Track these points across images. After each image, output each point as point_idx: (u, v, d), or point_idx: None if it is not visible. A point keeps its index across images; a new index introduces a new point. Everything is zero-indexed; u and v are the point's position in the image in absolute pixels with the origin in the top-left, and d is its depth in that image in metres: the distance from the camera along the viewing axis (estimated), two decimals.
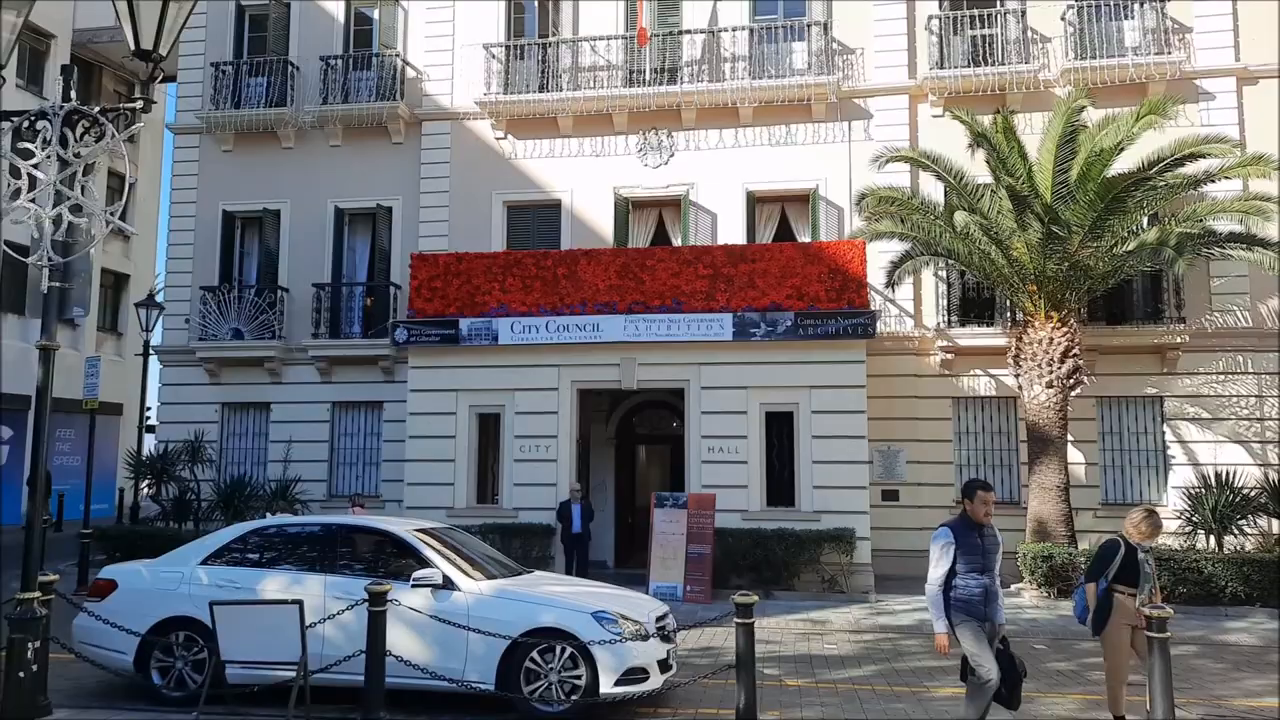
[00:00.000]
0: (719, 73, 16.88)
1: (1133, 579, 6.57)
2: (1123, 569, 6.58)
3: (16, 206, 5.37)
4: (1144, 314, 15.35)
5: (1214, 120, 15.39)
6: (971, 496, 6.08)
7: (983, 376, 15.88)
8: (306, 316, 17.66)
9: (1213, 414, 15.19)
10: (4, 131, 5.60)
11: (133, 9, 5.56)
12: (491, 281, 15.06)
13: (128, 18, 5.57)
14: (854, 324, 14.04)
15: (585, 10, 17.69)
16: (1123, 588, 6.57)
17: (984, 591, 5.89)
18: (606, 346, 14.60)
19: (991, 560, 6.00)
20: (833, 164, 16.56)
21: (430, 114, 17.99)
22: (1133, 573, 6.57)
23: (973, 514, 6.04)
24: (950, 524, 6.08)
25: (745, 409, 14.31)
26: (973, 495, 6.08)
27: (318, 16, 18.67)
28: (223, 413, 18.04)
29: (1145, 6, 15.88)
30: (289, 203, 18.26)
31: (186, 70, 19.05)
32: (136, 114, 5.65)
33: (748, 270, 14.48)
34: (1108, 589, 6.59)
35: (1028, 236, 13.39)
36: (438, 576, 7.23)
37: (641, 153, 17.25)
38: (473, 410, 15.14)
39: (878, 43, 16.73)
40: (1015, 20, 16.28)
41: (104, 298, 26.52)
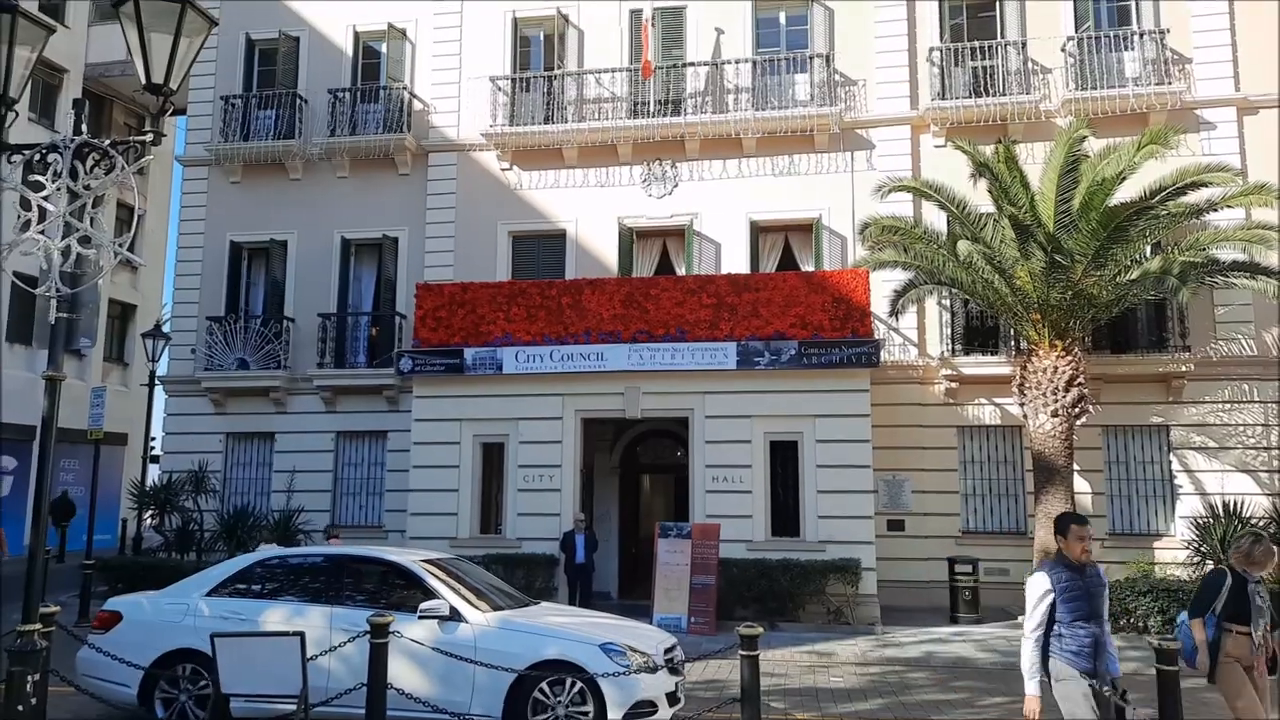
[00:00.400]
0: (722, 104, 17.04)
1: (1244, 614, 5.93)
2: (1231, 602, 5.96)
3: (26, 238, 5.42)
4: (1149, 342, 15.32)
5: (1215, 149, 15.47)
6: (1065, 533, 5.39)
7: (987, 405, 15.84)
8: (312, 346, 17.72)
9: (1219, 443, 15.11)
10: (15, 164, 5.67)
11: (144, 43, 5.64)
12: (496, 311, 15.11)
13: (139, 52, 5.64)
14: (858, 353, 14.04)
15: (590, 44, 17.92)
16: (1234, 625, 5.93)
17: (1093, 642, 5.18)
18: (611, 375, 14.60)
19: (1099, 604, 5.30)
20: (836, 194, 16.66)
21: (437, 145, 18.17)
22: (1243, 607, 5.93)
23: (1069, 553, 5.34)
24: (1046, 567, 5.40)
25: (749, 438, 14.27)
26: (1066, 531, 5.39)
27: (326, 50, 18.93)
28: (227, 443, 18.05)
29: (1145, 38, 16.03)
30: (296, 233, 18.40)
31: (196, 103, 19.31)
32: (146, 147, 5.71)
33: (751, 299, 14.52)
34: (1217, 625, 5.96)
35: (1031, 265, 13.41)
36: (445, 608, 7.19)
37: (646, 183, 17.37)
38: (476, 440, 15.13)
39: (879, 74, 16.89)
40: (1016, 52, 16.44)
41: (111, 328, 26.65)
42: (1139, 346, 15.32)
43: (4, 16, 5.61)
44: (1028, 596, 5.31)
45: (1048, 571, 5.32)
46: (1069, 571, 5.28)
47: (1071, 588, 5.23)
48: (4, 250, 5.54)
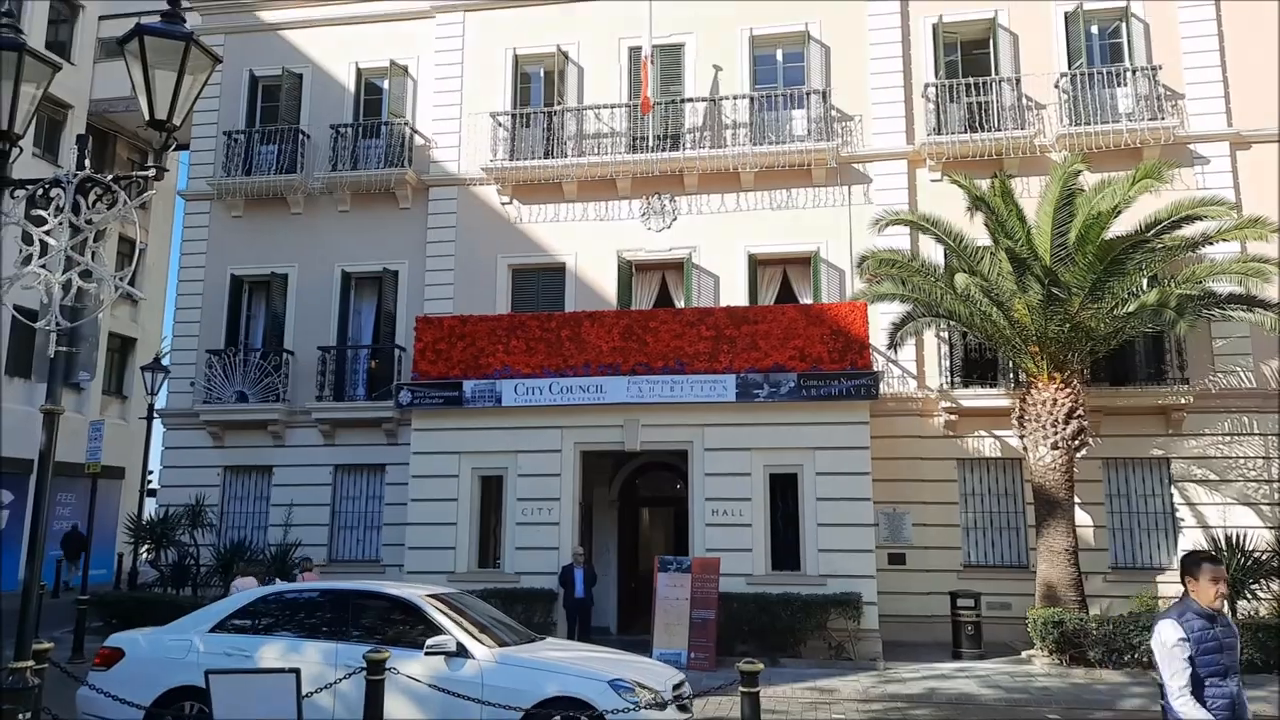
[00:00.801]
0: (720, 139, 17.21)
1: None
2: None
3: (27, 272, 5.45)
4: (1147, 375, 15.34)
5: (1209, 183, 15.60)
6: (1195, 573, 4.69)
7: (987, 438, 15.81)
8: (311, 379, 17.72)
9: (1220, 475, 15.07)
10: (18, 199, 5.71)
11: (149, 80, 5.71)
12: (495, 343, 15.13)
13: (143, 89, 5.71)
14: (857, 385, 14.04)
15: (589, 80, 18.13)
16: None
17: (1230, 702, 4.53)
18: (610, 408, 14.59)
19: (1234, 658, 4.65)
20: (833, 227, 16.76)
21: (437, 180, 18.31)
22: None
23: (1200, 597, 4.65)
24: (1174, 614, 4.67)
25: (749, 471, 14.22)
26: (1196, 571, 4.68)
27: (329, 86, 19.15)
28: (225, 476, 17.98)
29: (1138, 74, 16.23)
30: (296, 267, 18.49)
31: (199, 138, 19.49)
32: (149, 182, 5.76)
33: (750, 332, 14.55)
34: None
35: (1028, 298, 13.46)
36: (451, 644, 7.12)
37: (645, 217, 17.49)
38: (475, 473, 15.07)
39: (876, 110, 17.08)
40: (1010, 88, 16.64)
41: (110, 361, 26.66)
42: (1138, 379, 15.33)
43: (10, 55, 5.69)
44: (1156, 649, 4.65)
45: (1176, 619, 4.61)
46: (1201, 619, 4.59)
47: (1205, 639, 4.55)
48: (5, 284, 5.56)
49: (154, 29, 5.62)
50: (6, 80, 5.79)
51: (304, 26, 19.46)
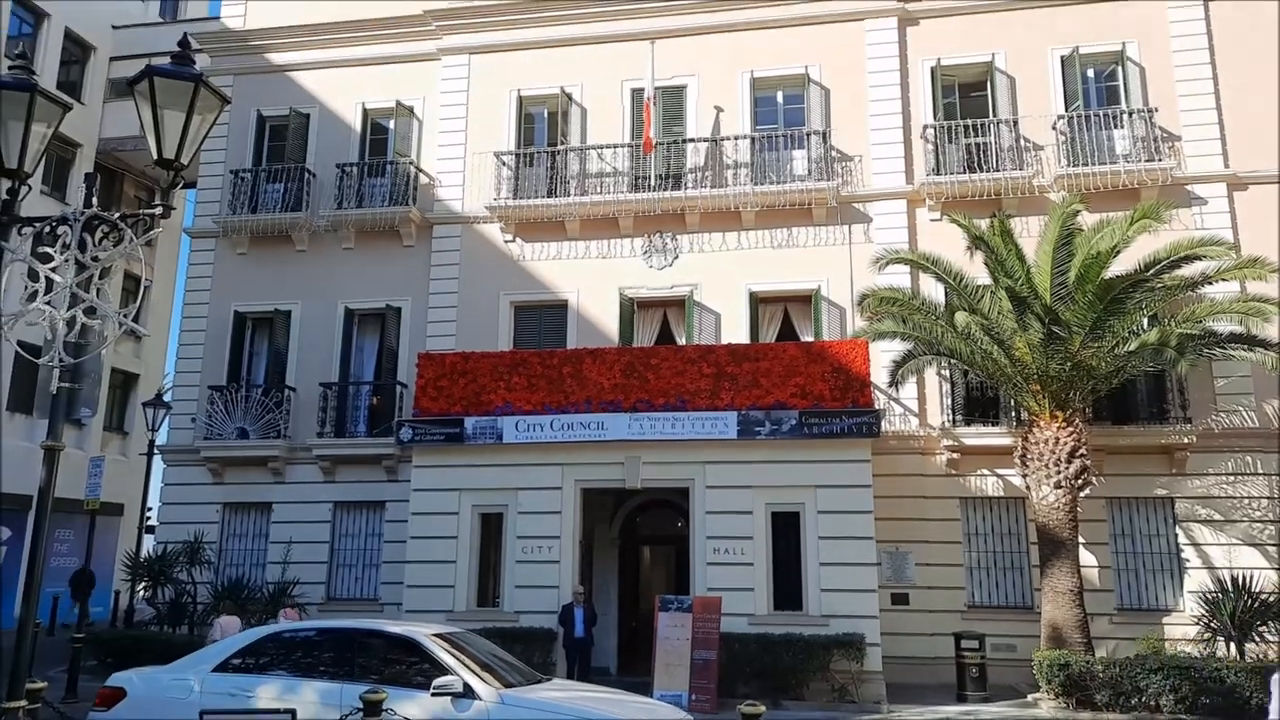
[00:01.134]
0: (722, 178, 17.38)
1: None
2: None
3: (32, 308, 5.48)
4: (1149, 414, 15.30)
5: (1208, 224, 15.68)
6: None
7: (990, 476, 15.74)
8: (312, 416, 17.72)
9: (1225, 516, 14.96)
10: (25, 236, 5.77)
11: (158, 120, 5.79)
12: (497, 380, 15.15)
13: (152, 129, 5.80)
14: (858, 423, 14.01)
15: (593, 120, 18.36)
16: None
17: None
18: (611, 445, 14.56)
19: None
20: (834, 265, 16.85)
21: (441, 218, 18.47)
22: None
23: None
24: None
25: (751, 509, 14.14)
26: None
27: (336, 126, 19.40)
28: (223, 513, 17.90)
29: (1134, 116, 16.41)
30: (300, 303, 18.58)
31: (206, 176, 19.69)
32: (155, 220, 5.82)
33: (751, 369, 14.56)
34: None
35: (1029, 336, 13.49)
36: (458, 684, 7.02)
37: (646, 254, 17.60)
38: (475, 510, 15.00)
39: (875, 150, 17.26)
40: (1008, 129, 16.82)
41: (112, 397, 26.65)
42: (1140, 418, 15.29)
43: (22, 95, 5.78)
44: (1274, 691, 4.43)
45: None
46: None
47: None
48: (10, 321, 5.59)
49: (164, 70, 5.72)
50: (17, 120, 5.88)
51: (312, 68, 19.77)
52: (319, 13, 19.91)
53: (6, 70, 6.05)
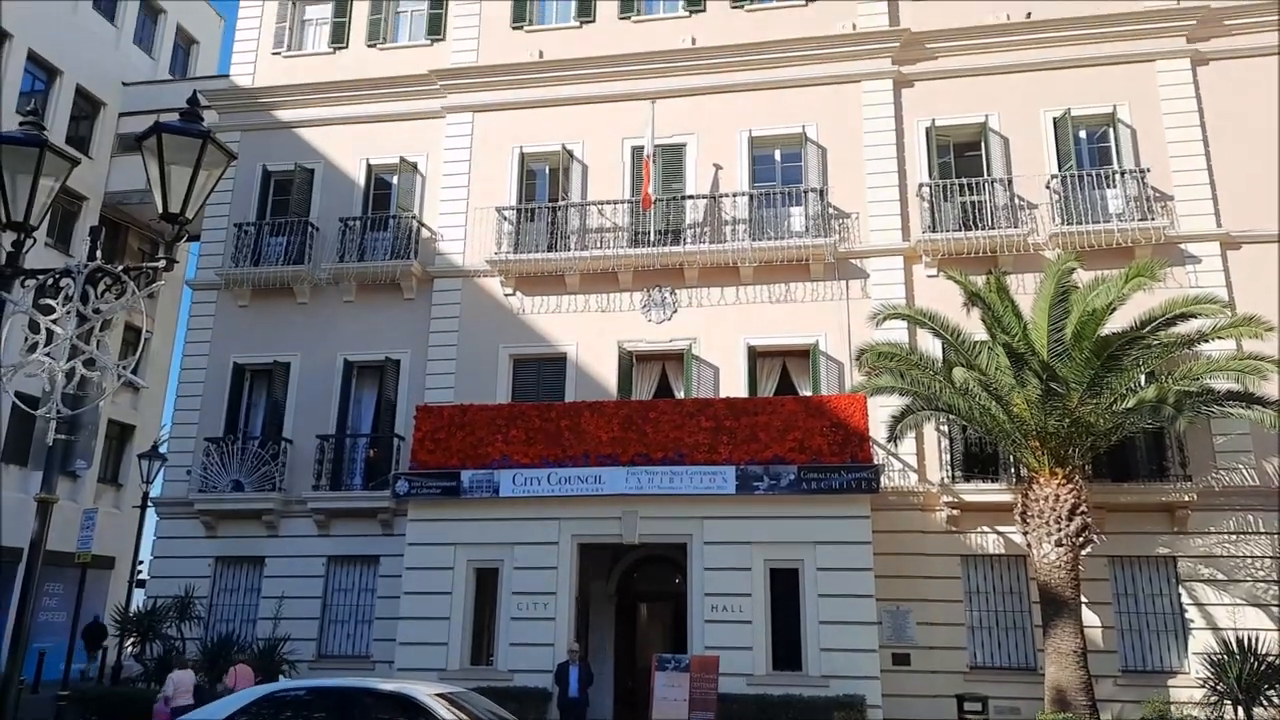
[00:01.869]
0: (720, 234, 17.56)
1: None
2: None
3: (32, 360, 5.50)
4: (1149, 471, 15.22)
5: (1202, 282, 15.81)
6: None
7: (990, 534, 15.60)
8: (308, 468, 17.63)
9: (1228, 575, 14.80)
10: (28, 289, 5.81)
11: (164, 176, 5.88)
12: (495, 433, 15.11)
13: (158, 184, 5.88)
14: (858, 478, 13.95)
15: (593, 177, 18.63)
16: None
17: None
18: (608, 499, 14.47)
19: None
20: (832, 320, 16.94)
21: (442, 271, 18.61)
22: None
23: None
24: None
25: (749, 565, 14.00)
26: None
27: (340, 181, 19.66)
28: (215, 567, 17.69)
29: (1126, 176, 16.65)
30: (299, 355, 18.61)
31: (210, 230, 19.90)
32: (158, 273, 5.86)
33: (750, 423, 14.54)
34: None
35: (1027, 393, 13.50)
36: None
37: (645, 309, 17.70)
38: (470, 565, 14.84)
39: (872, 207, 17.47)
40: (1003, 188, 17.06)
41: (108, 449, 26.50)
42: (1140, 475, 15.20)
43: (31, 151, 5.87)
44: None
45: None
46: None
47: None
48: (9, 372, 5.60)
49: (172, 127, 5.82)
50: (26, 174, 5.97)
51: (318, 125, 20.10)
52: (327, 71, 20.37)
53: (18, 125, 6.16)
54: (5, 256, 5.93)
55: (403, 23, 20.90)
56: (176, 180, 5.88)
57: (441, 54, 20.08)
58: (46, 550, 5.90)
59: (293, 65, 20.74)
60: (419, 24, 20.71)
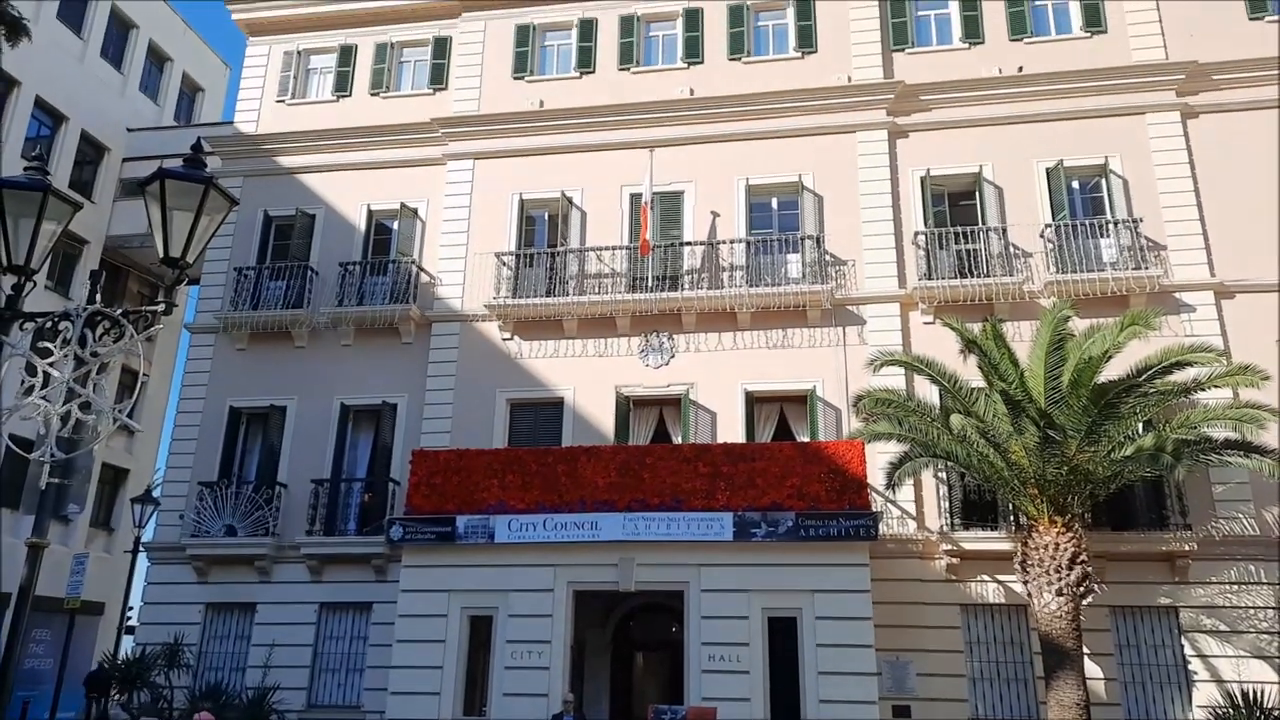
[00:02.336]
0: (718, 280, 17.67)
1: None
2: None
3: (27, 403, 5.48)
4: (1149, 520, 15.11)
5: (1197, 330, 15.88)
6: None
7: (990, 583, 15.45)
8: (302, 513, 17.49)
9: (1231, 626, 14.63)
10: (27, 331, 5.82)
11: (166, 220, 5.92)
12: (491, 478, 15.02)
13: (159, 228, 5.92)
14: (856, 525, 13.86)
15: (592, 223, 18.80)
16: None
17: None
18: (605, 546, 14.34)
19: None
20: (829, 366, 16.97)
21: (440, 316, 18.66)
22: None
23: None
24: None
25: (747, 614, 13.83)
26: None
27: (340, 226, 19.82)
28: (206, 613, 17.45)
29: (1119, 226, 16.82)
30: (296, 399, 18.57)
31: (210, 274, 19.98)
32: (157, 316, 5.88)
33: (747, 469, 14.48)
34: None
35: (1025, 440, 13.48)
36: None
37: (643, 354, 17.73)
38: (464, 612, 14.64)
39: (868, 255, 17.61)
40: (997, 237, 17.22)
41: (100, 493, 26.26)
42: (1139, 524, 15.09)
43: (35, 195, 5.92)
44: None
45: None
46: None
47: None
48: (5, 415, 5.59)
49: (175, 173, 5.88)
50: (29, 218, 6.01)
51: (320, 171, 20.33)
52: (330, 119, 20.67)
53: (23, 170, 6.22)
54: (5, 299, 5.95)
55: (406, 72, 21.26)
56: (178, 225, 5.93)
57: (443, 102, 20.40)
58: (35, 595, 5.82)
59: (296, 113, 21.04)
60: (422, 73, 21.07)
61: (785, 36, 19.67)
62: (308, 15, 21.51)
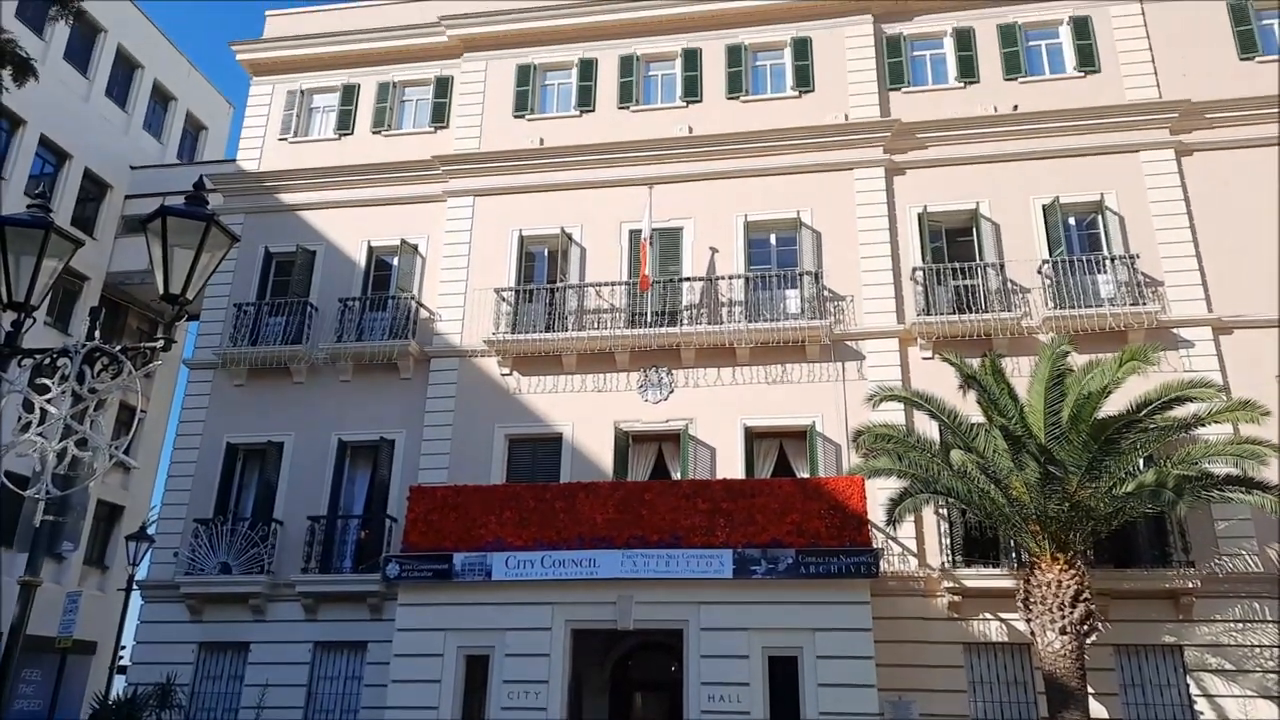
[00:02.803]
0: (717, 316, 17.71)
1: None
2: None
3: (24, 440, 5.45)
4: (1152, 557, 14.99)
5: (1196, 365, 15.88)
6: None
7: (993, 621, 15.28)
8: (298, 550, 17.34)
9: (1237, 665, 14.45)
10: (25, 368, 5.80)
11: (166, 257, 5.94)
12: (488, 514, 14.92)
13: (160, 265, 5.93)
14: (857, 562, 13.73)
15: (591, 259, 18.88)
16: None
17: None
18: (603, 583, 14.19)
19: None
20: (828, 401, 16.94)
21: (439, 351, 18.67)
22: None
23: None
24: None
25: (747, 653, 13.65)
26: None
27: (341, 262, 19.89)
28: (199, 653, 17.22)
29: (1116, 262, 16.90)
30: (293, 435, 18.51)
31: (210, 309, 20.01)
32: (155, 353, 5.87)
33: (747, 506, 14.38)
34: None
35: (1025, 476, 13.41)
36: None
37: (642, 389, 17.71)
38: (460, 651, 14.45)
39: (866, 290, 17.66)
40: (995, 272, 17.29)
41: (95, 530, 26.07)
42: (1142, 561, 14.97)
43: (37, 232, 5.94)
44: None
45: None
46: None
47: None
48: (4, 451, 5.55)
49: (177, 210, 5.91)
50: (30, 255, 6.03)
51: (321, 208, 20.46)
52: (332, 157, 20.85)
53: (26, 208, 6.25)
54: (4, 336, 5.94)
55: (407, 111, 21.49)
56: (179, 262, 5.94)
57: (445, 140, 20.59)
58: (27, 635, 5.75)
59: (298, 150, 21.23)
60: (423, 112, 21.30)
61: (783, 76, 19.92)
62: (311, 56, 21.80)
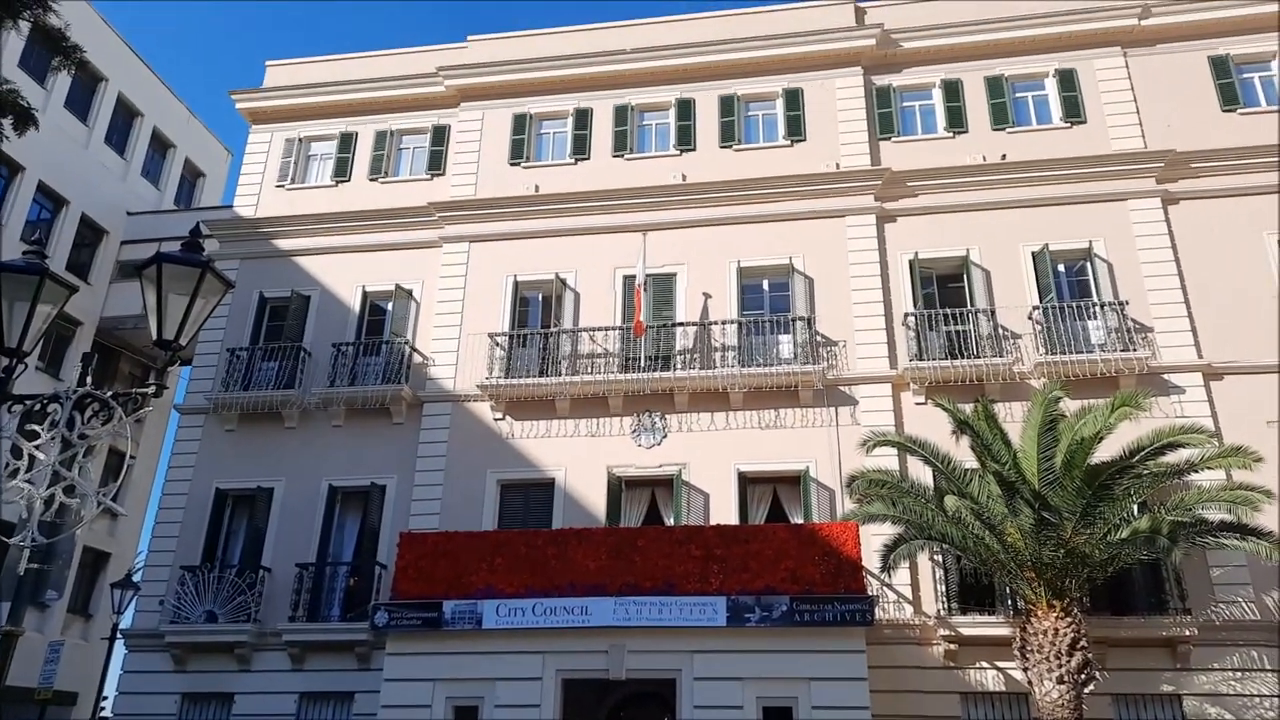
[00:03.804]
0: (710, 360, 17.74)
1: None
2: None
3: (10, 487, 5.40)
4: (1148, 604, 14.88)
5: (1187, 411, 15.92)
6: None
7: (990, 669, 15.09)
8: (285, 598, 17.09)
9: (1236, 715, 14.25)
10: (14, 414, 5.77)
11: (161, 303, 5.95)
12: (479, 561, 14.74)
13: (154, 311, 5.94)
14: (852, 610, 13.58)
15: (585, 304, 18.95)
16: None
17: None
18: (595, 632, 13.99)
19: None
20: (822, 446, 16.90)
21: (432, 396, 18.62)
22: None
23: None
24: None
25: (741, 704, 13.41)
26: None
27: (335, 307, 19.93)
28: (182, 704, 16.86)
29: (1106, 309, 17.04)
30: (283, 481, 18.35)
31: (203, 354, 19.95)
32: (146, 399, 5.85)
33: (741, 552, 14.26)
34: None
35: (1020, 522, 13.35)
36: None
37: (635, 434, 17.66)
38: (450, 702, 14.16)
39: (859, 336, 17.75)
40: (986, 318, 17.41)
41: (80, 577, 25.60)
42: (1139, 608, 14.85)
43: (31, 279, 5.95)
44: None
45: None
46: None
47: None
48: None
49: (173, 257, 5.94)
50: (24, 300, 6.03)
51: (316, 253, 20.55)
52: (329, 203, 21.02)
53: (21, 254, 6.26)
54: None
55: (404, 158, 21.73)
56: (173, 308, 5.95)
57: (441, 187, 20.79)
58: (5, 685, 5.63)
59: (295, 197, 21.39)
60: (420, 159, 21.53)
61: (775, 125, 20.24)
62: (310, 104, 22.08)
